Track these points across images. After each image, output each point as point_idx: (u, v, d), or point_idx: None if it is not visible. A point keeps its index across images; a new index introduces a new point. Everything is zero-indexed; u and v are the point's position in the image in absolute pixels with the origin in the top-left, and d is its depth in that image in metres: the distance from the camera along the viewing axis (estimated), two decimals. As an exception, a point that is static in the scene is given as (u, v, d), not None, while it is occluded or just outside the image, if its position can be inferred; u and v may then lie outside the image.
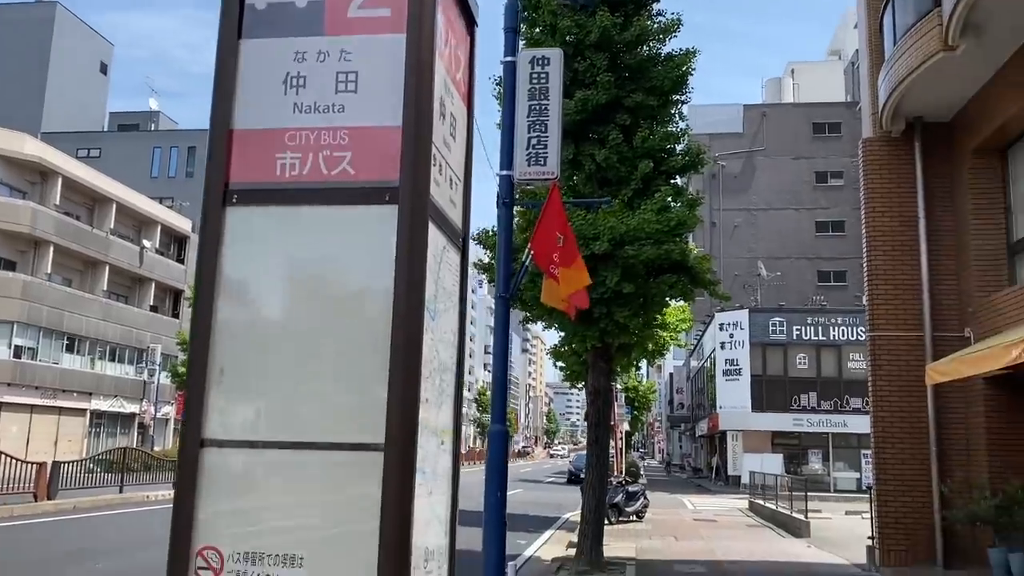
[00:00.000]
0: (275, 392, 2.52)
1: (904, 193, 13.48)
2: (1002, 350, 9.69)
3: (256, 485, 2.46)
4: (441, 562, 2.71)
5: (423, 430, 2.48)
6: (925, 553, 12.36)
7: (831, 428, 36.01)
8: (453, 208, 2.87)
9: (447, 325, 2.79)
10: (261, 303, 2.57)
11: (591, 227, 10.98)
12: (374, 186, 2.54)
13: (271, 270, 2.57)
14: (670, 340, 17.03)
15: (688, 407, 58.92)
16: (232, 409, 2.50)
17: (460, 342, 2.92)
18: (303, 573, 2.35)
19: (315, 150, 2.60)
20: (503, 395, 6.61)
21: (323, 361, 2.51)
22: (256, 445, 2.46)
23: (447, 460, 2.78)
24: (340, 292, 2.54)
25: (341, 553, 2.36)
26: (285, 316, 2.56)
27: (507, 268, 6.82)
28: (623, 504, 19.96)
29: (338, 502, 2.40)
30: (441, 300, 2.71)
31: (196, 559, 2.41)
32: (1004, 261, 12.58)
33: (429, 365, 2.56)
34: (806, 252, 48.42)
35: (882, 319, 13.31)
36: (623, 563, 12.55)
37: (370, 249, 2.50)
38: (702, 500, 30.31)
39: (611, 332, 11.73)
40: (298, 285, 2.55)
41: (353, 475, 2.39)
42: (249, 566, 2.38)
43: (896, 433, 12.91)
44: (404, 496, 2.30)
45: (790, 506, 19.70)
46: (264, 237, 2.59)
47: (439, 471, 2.69)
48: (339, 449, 2.40)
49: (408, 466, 2.33)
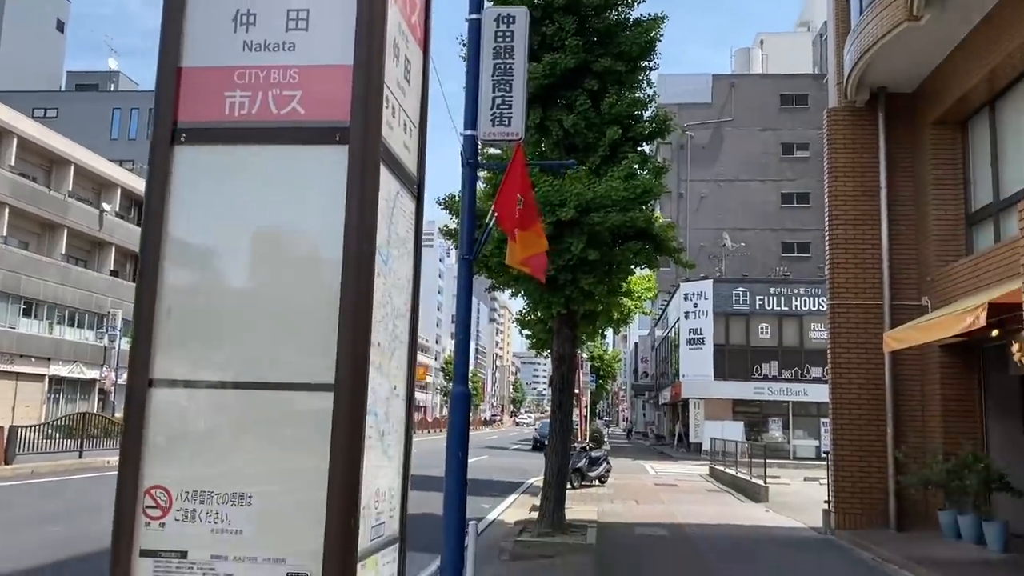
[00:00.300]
0: (224, 332, 2.50)
1: (867, 163, 13.65)
2: (957, 317, 9.90)
3: (204, 425, 2.44)
4: (394, 504, 2.72)
5: (375, 373, 2.48)
6: (879, 516, 12.70)
7: (791, 397, 36.69)
8: (408, 154, 2.84)
9: (401, 271, 2.77)
10: (209, 243, 2.53)
11: (558, 194, 10.96)
12: (324, 126, 2.50)
13: (219, 210, 2.53)
14: (635, 309, 17.06)
15: (652, 376, 59.59)
16: (180, 349, 2.47)
17: (415, 290, 2.90)
18: (252, 511, 2.35)
19: (264, 89, 2.55)
20: (466, 358, 6.61)
21: (272, 301, 2.48)
22: (204, 385, 2.44)
23: (400, 406, 2.78)
24: (290, 233, 2.50)
25: (290, 492, 2.35)
26: (234, 257, 2.52)
27: (471, 230, 6.78)
28: (586, 469, 20.22)
29: (287, 442, 2.39)
30: (395, 246, 2.69)
31: (144, 498, 2.39)
32: (962, 231, 12.82)
33: (382, 309, 2.55)
34: (771, 224, 48.90)
35: (842, 287, 13.52)
36: (585, 525, 12.72)
37: (320, 190, 2.47)
38: (664, 466, 30.78)
39: (576, 299, 11.77)
40: (247, 226, 2.51)
41: (303, 415, 2.38)
42: (198, 504, 2.37)
43: (854, 400, 13.19)
44: (354, 436, 2.30)
45: (749, 472, 20.08)
46: (213, 177, 2.55)
47: (392, 416, 2.69)
48: (288, 389, 2.39)
49: (358, 407, 2.32)
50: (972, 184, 12.88)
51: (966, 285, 11.72)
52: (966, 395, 12.39)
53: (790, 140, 49.53)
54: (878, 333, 12.84)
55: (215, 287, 2.52)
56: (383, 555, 2.62)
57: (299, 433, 2.38)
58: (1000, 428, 12.27)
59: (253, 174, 2.53)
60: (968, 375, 12.44)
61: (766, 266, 45.07)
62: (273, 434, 2.41)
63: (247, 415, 2.43)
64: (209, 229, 2.53)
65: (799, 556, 11.00)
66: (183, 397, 2.44)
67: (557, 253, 11.14)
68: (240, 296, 2.52)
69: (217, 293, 2.52)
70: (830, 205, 13.86)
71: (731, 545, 11.69)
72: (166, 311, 2.46)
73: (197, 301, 2.51)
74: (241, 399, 2.43)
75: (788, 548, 11.69)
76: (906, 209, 13.52)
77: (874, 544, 11.19)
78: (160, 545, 2.37)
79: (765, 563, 10.25)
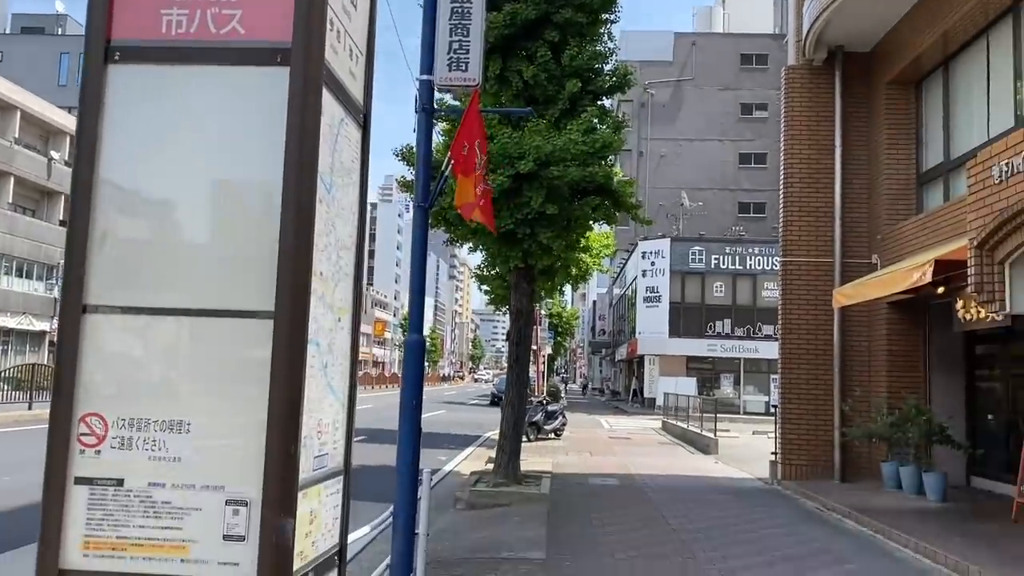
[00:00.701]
0: (160, 257, 2.44)
1: (822, 121, 13.78)
2: (904, 274, 10.13)
3: (141, 351, 2.40)
4: (338, 437, 2.71)
5: (318, 302, 2.44)
6: (824, 468, 13.07)
7: (743, 354, 37.45)
8: (353, 81, 2.77)
9: (345, 201, 2.72)
10: (146, 166, 2.44)
11: (517, 146, 10.88)
12: (265, 47, 2.42)
13: (156, 132, 2.44)
14: (593, 265, 17.15)
15: (610, 333, 60.22)
16: (116, 274, 2.40)
17: (360, 223, 2.86)
18: (190, 439, 2.32)
19: (203, 7, 2.46)
20: (420, 306, 6.58)
21: (211, 226, 2.43)
22: (141, 311, 2.38)
23: (345, 339, 2.75)
24: (229, 157, 2.43)
25: (230, 420, 2.33)
26: (171, 180, 2.44)
27: (426, 178, 6.68)
28: (542, 422, 20.47)
29: (227, 370, 2.36)
30: (338, 174, 2.64)
31: (79, 425, 2.34)
32: (913, 191, 13.05)
33: (324, 238, 2.51)
34: (728, 184, 49.29)
35: (794, 245, 13.72)
36: (540, 476, 12.90)
37: (260, 113, 2.40)
38: (618, 420, 31.29)
39: (534, 253, 11.77)
40: (185, 149, 2.44)
41: (242, 343, 2.34)
42: (134, 432, 2.33)
43: (802, 355, 13.47)
44: (294, 365, 2.27)
45: (700, 426, 20.49)
46: (149, 99, 2.45)
47: (336, 348, 2.66)
48: (227, 316, 2.34)
49: (299, 335, 2.29)
50: (924, 144, 13.09)
51: (915, 244, 11.97)
52: (911, 351, 12.74)
53: (749, 100, 49.72)
54: (828, 290, 13.08)
55: (151, 212, 2.45)
56: (326, 486, 2.61)
57: (239, 361, 2.34)
58: (943, 382, 12.66)
59: (191, 96, 2.44)
60: (914, 331, 12.77)
61: (723, 226, 45.53)
62: (212, 361, 2.37)
63: (185, 342, 2.38)
64: (145, 153, 2.44)
65: (744, 503, 11.31)
66: (119, 323, 2.38)
67: (516, 207, 11.10)
68: (178, 222, 2.45)
69: (154, 218, 2.45)
70: (785, 163, 14.00)
71: (680, 493, 11.97)
72: (100, 236, 2.39)
73: (133, 226, 2.44)
74: (179, 326, 2.38)
75: (734, 496, 12.00)
76: (860, 168, 13.71)
77: (818, 494, 11.54)
78: (95, 473, 2.33)
79: (712, 509, 10.52)
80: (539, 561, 7.46)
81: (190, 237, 2.45)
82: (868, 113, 13.76)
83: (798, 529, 9.53)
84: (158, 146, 2.44)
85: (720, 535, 8.94)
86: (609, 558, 7.70)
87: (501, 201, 10.87)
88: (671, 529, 9.20)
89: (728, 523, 9.71)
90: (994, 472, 11.76)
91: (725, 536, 8.90)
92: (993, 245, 7.99)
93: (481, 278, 18.84)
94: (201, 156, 2.43)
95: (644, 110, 49.60)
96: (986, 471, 12.00)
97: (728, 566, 7.46)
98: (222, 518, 2.27)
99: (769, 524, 9.78)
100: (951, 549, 7.83)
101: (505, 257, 12.20)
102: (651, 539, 8.63)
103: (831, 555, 8.14)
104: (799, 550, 8.34)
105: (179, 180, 2.44)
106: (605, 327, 63.44)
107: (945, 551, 7.78)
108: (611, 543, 8.36)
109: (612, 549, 8.07)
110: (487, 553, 7.82)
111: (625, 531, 9.02)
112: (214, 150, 2.43)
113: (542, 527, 9.06)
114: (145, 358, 2.39)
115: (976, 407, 12.64)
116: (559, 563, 7.42)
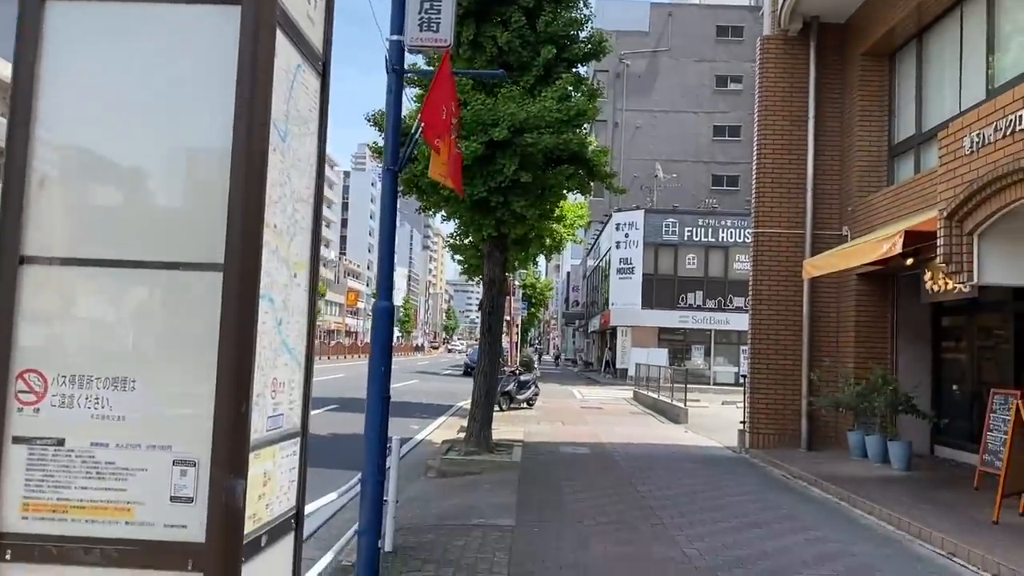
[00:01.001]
0: (103, 206, 2.31)
1: (796, 93, 13.76)
2: (874, 244, 10.18)
3: (83, 305, 2.27)
4: (294, 397, 2.62)
5: (271, 256, 2.34)
6: (791, 437, 13.23)
7: (714, 325, 37.77)
8: (312, 26, 2.64)
9: (302, 152, 2.60)
10: (87, 111, 2.30)
11: (490, 113, 10.74)
12: (214, -17, 2.28)
13: (99, 75, 2.30)
14: (567, 236, 17.09)
15: (583, 304, 60.42)
16: (55, 224, 2.26)
17: (319, 176, 2.74)
18: (135, 397, 2.21)
19: (148, -61, 2.31)
20: (389, 271, 6.47)
21: (158, 174, 2.30)
22: (82, 263, 2.25)
23: (302, 296, 2.64)
24: (177, 102, 2.30)
25: (177, 377, 2.22)
26: (114, 124, 2.30)
27: (395, 140, 6.54)
28: (515, 392, 20.52)
29: (174, 325, 2.24)
30: (294, 122, 2.52)
31: (16, 383, 2.23)
32: (885, 163, 13.10)
33: (279, 188, 2.39)
34: (702, 156, 49.33)
35: (766, 216, 13.75)
36: (511, 445, 12.93)
37: (209, 54, 2.27)
38: (590, 391, 31.46)
39: (507, 222, 11.68)
40: (129, 91, 2.30)
41: (189, 296, 2.22)
42: (76, 389, 2.22)
43: (772, 325, 13.56)
44: (244, 320, 2.16)
45: (671, 396, 20.65)
46: (90, 40, 2.31)
47: (292, 306, 2.55)
48: (175, 268, 2.23)
49: (250, 289, 2.18)
50: (896, 116, 13.12)
51: (885, 215, 12.03)
52: (879, 321, 12.86)
53: (725, 72, 49.63)
54: (799, 261, 13.14)
55: (94, 159, 2.31)
56: (282, 448, 2.52)
57: (187, 315, 2.23)
58: (909, 353, 12.81)
59: (136, 37, 2.30)
60: (882, 302, 12.89)
61: (696, 198, 45.63)
62: (159, 316, 2.26)
63: (131, 296, 2.26)
64: (87, 97, 2.30)
65: (712, 471, 11.41)
66: (59, 276, 2.25)
67: (489, 174, 10.98)
68: (123, 168, 2.32)
69: (97, 165, 2.31)
70: (759, 134, 13.98)
71: (649, 461, 12.05)
72: (38, 183, 2.26)
73: (74, 174, 2.31)
74: (124, 278, 2.26)
75: (703, 464, 12.11)
76: (833, 140, 13.73)
77: (785, 462, 11.66)
78: (34, 432, 2.22)
79: (680, 477, 10.60)
80: (508, 528, 7.47)
81: (135, 185, 2.31)
82: (842, 85, 13.76)
83: (764, 496, 9.63)
84: (101, 90, 2.30)
85: (688, 502, 9.01)
86: (578, 524, 7.72)
87: (474, 168, 10.75)
88: (640, 496, 9.25)
89: (696, 490, 9.79)
90: (957, 441, 11.96)
91: (693, 503, 8.97)
92: (963, 216, 8.02)
93: (454, 248, 18.70)
94: (147, 100, 2.29)
95: (620, 81, 49.34)
96: (950, 440, 12.20)
97: (695, 532, 7.51)
98: (169, 479, 2.17)
99: (736, 491, 9.87)
100: (915, 516, 7.94)
101: (478, 226, 12.10)
102: (620, 506, 8.67)
103: (797, 522, 8.23)
104: (765, 516, 8.42)
105: (123, 126, 2.30)
106: (579, 298, 63.64)
107: (909, 518, 7.89)
108: (580, 510, 8.39)
109: (581, 516, 8.10)
110: (457, 520, 7.81)
111: (595, 498, 9.06)
112: (161, 95, 2.29)
113: (512, 494, 9.07)
114: (87, 312, 2.27)
115: (941, 377, 12.83)
116: (528, 529, 7.43)
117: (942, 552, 7.06)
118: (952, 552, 6.96)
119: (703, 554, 6.73)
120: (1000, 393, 8.76)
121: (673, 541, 7.16)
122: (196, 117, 2.28)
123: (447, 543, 6.85)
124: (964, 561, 6.74)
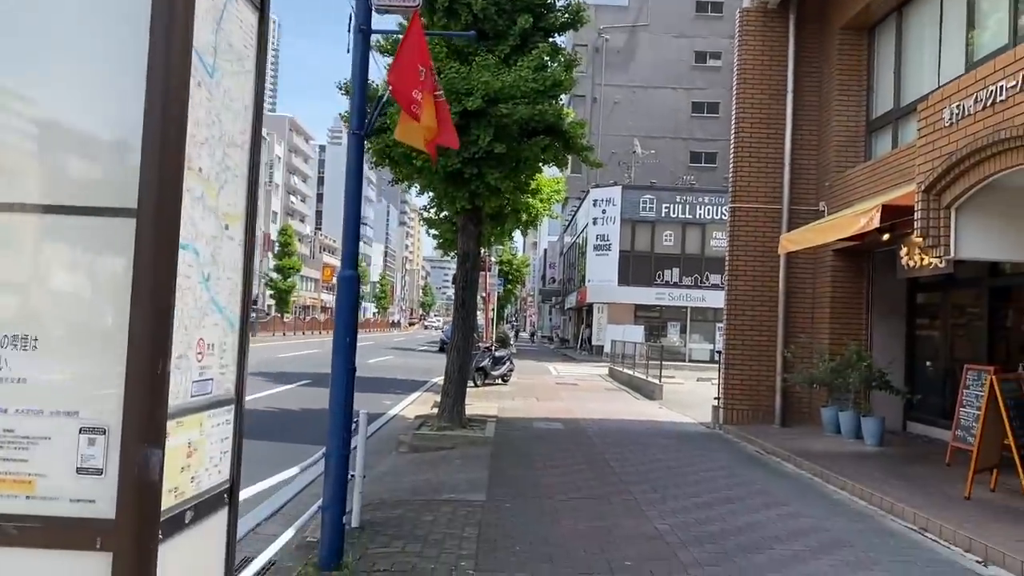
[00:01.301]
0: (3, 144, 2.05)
1: (775, 66, 13.59)
2: (851, 219, 10.07)
3: (-26, 256, 2.04)
4: (226, 361, 2.39)
5: (195, 203, 2.10)
6: (765, 413, 13.19)
7: (690, 303, 37.83)
8: (246, -47, 2.40)
9: (235, 91, 2.36)
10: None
11: (464, 82, 10.48)
12: None
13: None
14: (544, 211, 16.86)
15: (560, 281, 60.32)
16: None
17: (256, 120, 2.50)
18: (37, 357, 1.98)
19: None
20: (355, 239, 6.27)
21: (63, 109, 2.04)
22: (-24, 208, 2.01)
23: (235, 249, 2.40)
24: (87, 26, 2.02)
25: (85, 335, 1.99)
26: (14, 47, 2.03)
27: (361, 103, 6.32)
28: (489, 368, 20.38)
29: (82, 277, 2.01)
30: (225, 57, 2.27)
31: (-101, 341, 1.99)
32: (862, 138, 12.98)
33: (206, 129, 2.16)
34: (681, 132, 49.17)
35: (744, 191, 13.62)
36: (485, 420, 12.79)
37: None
38: (566, 367, 31.41)
39: (482, 194, 11.44)
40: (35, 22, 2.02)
41: (97, 246, 1.98)
42: (-31, 349, 1.99)
43: (748, 301, 13.48)
44: (161, 271, 1.92)
45: (646, 372, 20.61)
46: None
47: (222, 260, 2.31)
48: (82, 213, 1.98)
49: (167, 237, 1.94)
50: (875, 91, 12.99)
51: (862, 191, 11.93)
52: (854, 298, 12.81)
53: (704, 48, 49.37)
54: (776, 237, 13.04)
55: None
56: (211, 416, 2.30)
57: (97, 266, 2.00)
58: (884, 329, 12.79)
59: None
60: (858, 278, 12.83)
61: (674, 175, 45.52)
62: (64, 267, 2.02)
63: (31, 243, 2.02)
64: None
65: (686, 447, 11.33)
66: (-52, 222, 2.02)
67: (463, 145, 10.72)
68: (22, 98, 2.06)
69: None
70: (737, 107, 13.81)
71: (623, 437, 11.96)
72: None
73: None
74: (23, 224, 2.02)
75: (677, 440, 12.03)
76: (811, 114, 13.59)
77: (758, 438, 11.62)
78: (-79, 395, 1.99)
79: (654, 452, 10.51)
80: (479, 503, 7.32)
81: (38, 121, 2.05)
82: (821, 59, 13.61)
83: (737, 472, 9.55)
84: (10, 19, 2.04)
85: (661, 477, 8.91)
86: (549, 500, 7.59)
87: (448, 139, 10.49)
88: (612, 471, 9.14)
89: (669, 466, 9.70)
90: (930, 417, 11.97)
91: (666, 478, 8.87)
92: (940, 189, 7.91)
93: (430, 222, 18.43)
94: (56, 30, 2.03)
95: (599, 55, 48.97)
96: (922, 416, 12.21)
97: (667, 507, 7.41)
98: (75, 449, 1.94)
99: (709, 467, 9.79)
100: (887, 492, 7.89)
101: (452, 198, 11.86)
102: (592, 481, 8.55)
103: (769, 497, 8.15)
104: (738, 491, 8.34)
105: (29, 60, 2.02)
106: (555, 275, 63.51)
107: (881, 493, 7.84)
108: (552, 485, 8.26)
109: (553, 491, 7.97)
110: (427, 495, 7.66)
111: (567, 473, 8.93)
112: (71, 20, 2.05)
113: (484, 470, 8.93)
114: (-19, 263, 2.04)
115: (915, 354, 12.82)
116: (499, 505, 7.29)
117: (914, 527, 7.01)
118: (924, 527, 6.91)
119: (675, 529, 6.62)
120: (974, 369, 8.70)
121: (645, 516, 7.04)
122: (106, 43, 2.02)
123: (416, 518, 6.70)
124: (936, 536, 6.68)
